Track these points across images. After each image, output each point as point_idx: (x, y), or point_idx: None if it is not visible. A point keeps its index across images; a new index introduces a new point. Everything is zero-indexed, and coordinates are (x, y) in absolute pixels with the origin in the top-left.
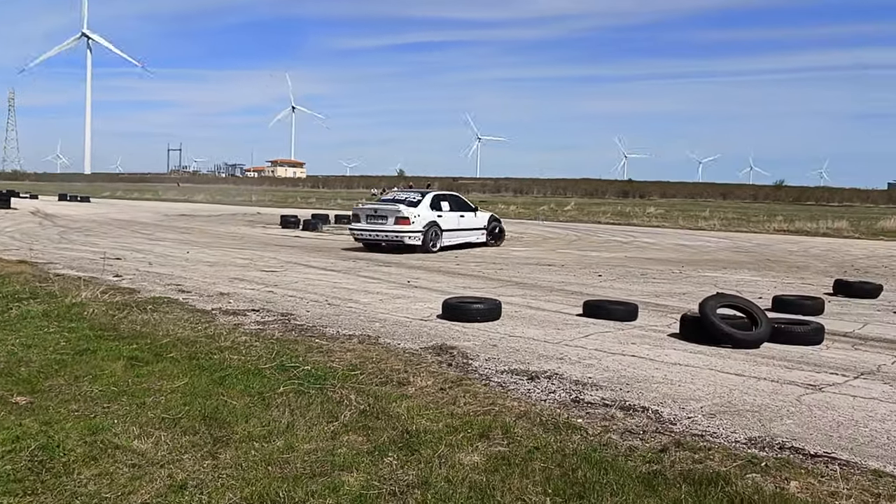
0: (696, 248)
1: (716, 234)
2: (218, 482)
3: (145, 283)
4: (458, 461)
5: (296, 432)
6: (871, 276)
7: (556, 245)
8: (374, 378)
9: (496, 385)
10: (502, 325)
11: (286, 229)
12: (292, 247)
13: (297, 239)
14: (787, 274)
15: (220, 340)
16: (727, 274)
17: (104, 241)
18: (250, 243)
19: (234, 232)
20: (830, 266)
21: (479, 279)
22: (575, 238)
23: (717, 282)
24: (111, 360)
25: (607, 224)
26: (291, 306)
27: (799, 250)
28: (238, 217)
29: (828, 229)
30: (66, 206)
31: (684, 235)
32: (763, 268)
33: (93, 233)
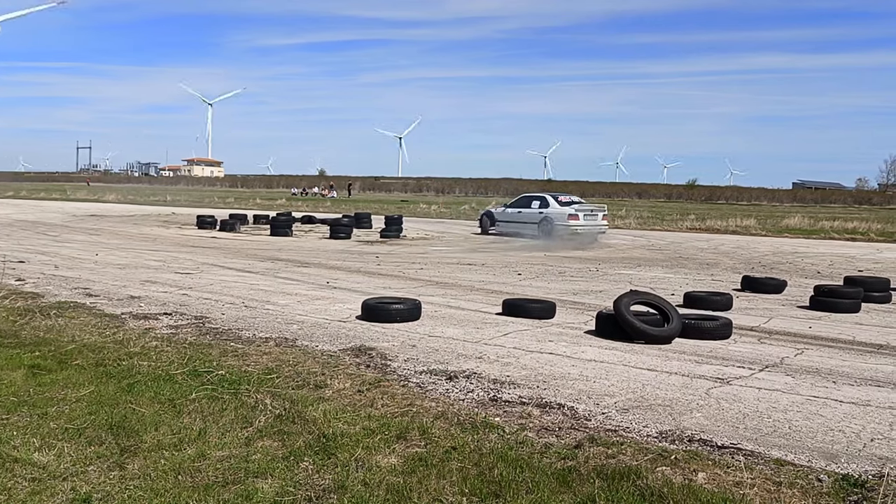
0: (612, 245)
1: (631, 233)
2: (125, 494)
3: (50, 286)
4: (375, 464)
5: (208, 439)
6: (777, 272)
7: (476, 244)
8: (291, 381)
9: (414, 386)
10: (422, 325)
11: (202, 230)
12: (208, 248)
13: (214, 240)
14: (699, 271)
15: (130, 346)
16: (642, 271)
17: (5, 243)
18: (164, 244)
19: (148, 233)
20: (739, 263)
21: (399, 279)
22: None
23: (631, 279)
24: (11, 369)
25: None
26: (206, 309)
27: (710, 247)
28: (152, 217)
29: (737, 227)
30: None
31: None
32: (676, 265)
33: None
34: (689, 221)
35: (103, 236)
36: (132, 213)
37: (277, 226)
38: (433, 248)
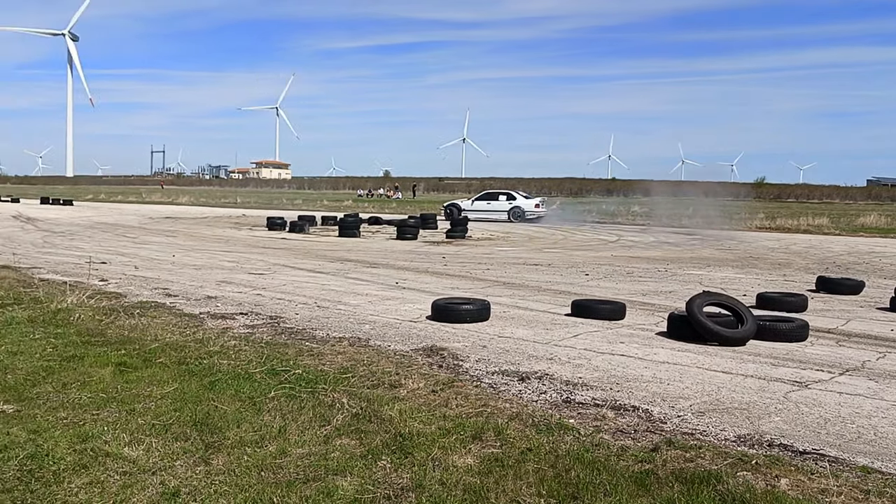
0: (680, 245)
1: (699, 232)
2: (211, 489)
3: (132, 287)
4: (452, 463)
5: (288, 437)
6: (853, 272)
7: (542, 244)
8: (366, 381)
9: (487, 386)
10: (491, 326)
11: (272, 231)
12: (279, 249)
13: (284, 241)
14: (770, 271)
15: (209, 345)
16: (711, 272)
17: (88, 244)
18: (237, 246)
19: (221, 234)
20: (812, 263)
21: (466, 279)
22: (561, 237)
23: (701, 280)
24: (99, 367)
25: (592, 223)
26: (280, 309)
27: (780, 247)
28: (223, 219)
29: (809, 226)
30: (48, 210)
31: (669, 233)
32: (746, 265)
33: (77, 236)
34: (759, 220)
35: (179, 238)
36: (205, 215)
37: (345, 227)
38: (498, 248)
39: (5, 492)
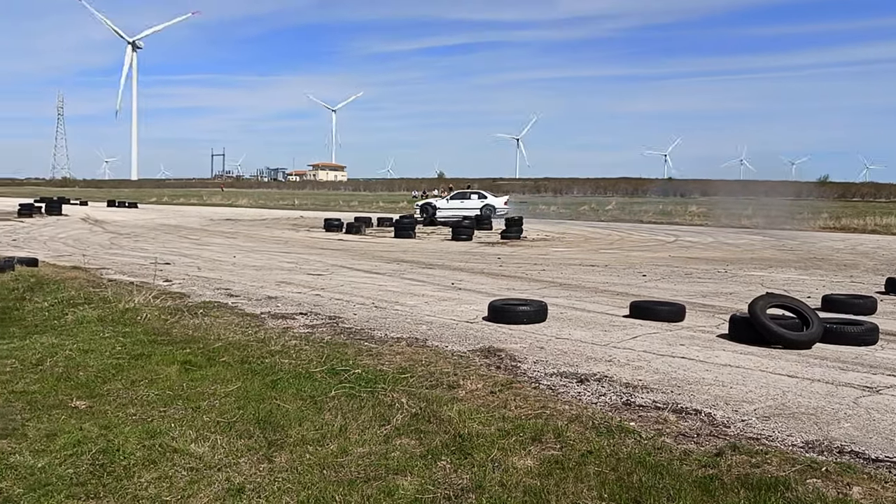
0: (740, 246)
1: (760, 232)
2: (274, 486)
3: (195, 287)
4: (512, 465)
5: (349, 436)
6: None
7: (598, 245)
8: (424, 381)
9: (546, 388)
10: (548, 327)
11: (329, 232)
12: (336, 250)
13: (341, 242)
14: (836, 272)
15: (271, 344)
16: (773, 273)
17: (153, 245)
18: (295, 247)
19: (279, 236)
20: (881, 264)
21: (522, 280)
22: (617, 238)
23: (763, 281)
24: (166, 365)
25: (649, 223)
26: (339, 309)
27: (846, 247)
28: (282, 221)
29: (876, 226)
30: (114, 213)
31: (728, 234)
32: (810, 266)
33: (142, 238)
34: (822, 220)
35: (239, 239)
36: (263, 217)
37: (401, 228)
38: (554, 249)
39: (80, 485)
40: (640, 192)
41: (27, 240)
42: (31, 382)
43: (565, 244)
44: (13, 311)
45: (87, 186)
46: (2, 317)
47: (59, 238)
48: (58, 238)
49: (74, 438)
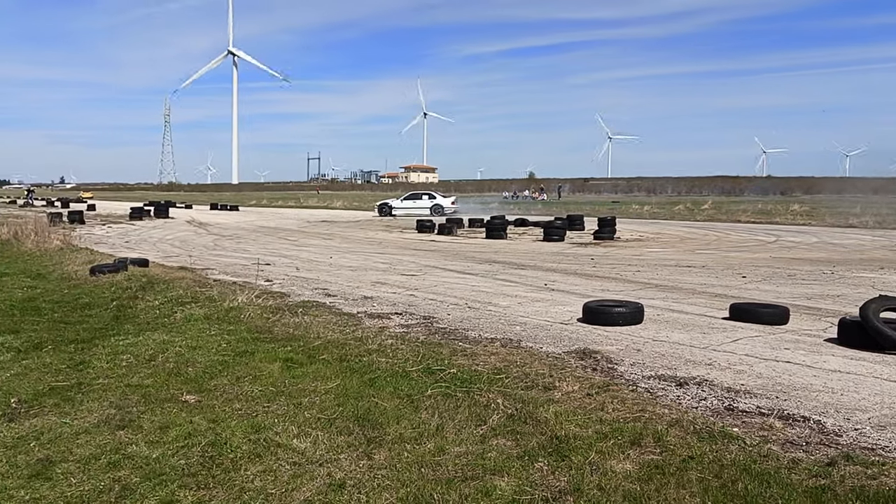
0: (847, 246)
1: (870, 232)
2: (374, 482)
3: (294, 287)
4: (610, 468)
5: (445, 435)
6: None
7: (694, 245)
8: (520, 382)
9: (644, 391)
10: (645, 329)
11: (422, 233)
12: (429, 251)
13: (434, 243)
14: None
15: (368, 343)
16: (886, 275)
17: (254, 247)
18: (389, 248)
19: (373, 237)
20: None
21: (617, 281)
22: (714, 238)
23: (874, 283)
24: (268, 362)
25: (748, 223)
26: (433, 309)
27: None
28: (375, 222)
29: None
30: (217, 215)
31: (834, 233)
32: None
33: (243, 239)
34: None
35: (335, 240)
36: (358, 219)
37: (493, 229)
38: (648, 249)
39: (191, 475)
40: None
41: (138, 241)
42: (144, 377)
43: (660, 244)
44: (127, 308)
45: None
46: (117, 314)
47: (167, 240)
48: (166, 240)
49: (185, 431)
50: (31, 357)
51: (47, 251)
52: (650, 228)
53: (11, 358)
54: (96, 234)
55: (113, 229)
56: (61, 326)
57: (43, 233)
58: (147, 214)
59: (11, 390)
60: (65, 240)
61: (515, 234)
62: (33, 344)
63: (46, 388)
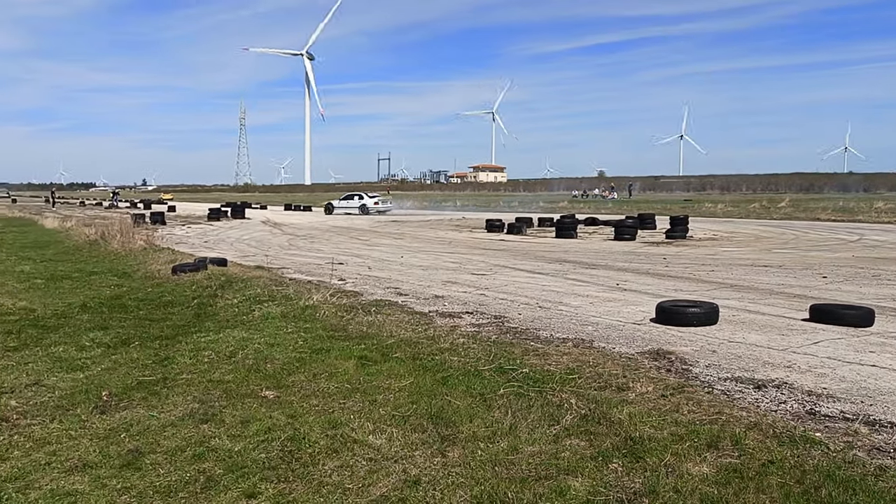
0: None
1: None
2: (448, 480)
3: (367, 286)
4: (686, 471)
5: (518, 434)
6: None
7: (770, 244)
8: (593, 382)
9: (720, 393)
10: (720, 330)
11: (491, 233)
12: (499, 250)
13: (503, 242)
14: None
15: (440, 342)
16: None
17: (327, 246)
18: (458, 247)
19: (443, 236)
20: None
21: (690, 281)
22: (792, 237)
23: None
24: (343, 359)
25: (828, 221)
26: (503, 309)
27: None
28: (445, 222)
29: None
30: (291, 216)
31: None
32: None
33: (316, 239)
34: None
35: (405, 240)
36: (427, 219)
37: (563, 228)
38: (723, 248)
39: (271, 469)
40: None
41: (216, 241)
42: (225, 372)
43: (735, 244)
44: (208, 306)
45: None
46: (199, 312)
47: (244, 240)
48: (242, 240)
49: (265, 426)
50: (119, 352)
51: (132, 251)
52: (724, 227)
53: (101, 353)
54: (177, 234)
55: (192, 230)
56: (146, 323)
57: (127, 233)
58: (224, 215)
59: (102, 384)
60: (148, 240)
61: (585, 233)
62: (121, 340)
63: (134, 382)
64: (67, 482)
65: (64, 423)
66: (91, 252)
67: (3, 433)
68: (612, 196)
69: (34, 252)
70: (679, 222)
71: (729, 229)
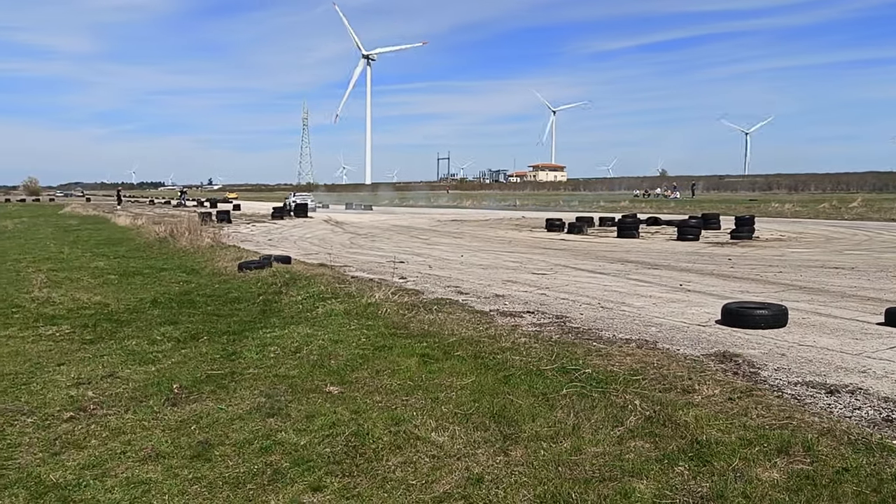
0: None
1: None
2: (511, 479)
3: (427, 284)
4: (756, 477)
5: (582, 435)
6: None
7: (842, 246)
8: (657, 384)
9: (790, 397)
10: (789, 333)
11: (551, 232)
12: (559, 250)
13: (563, 242)
14: None
15: (501, 341)
16: None
17: (387, 245)
18: (518, 246)
19: (503, 236)
20: None
21: (756, 283)
22: (865, 238)
23: None
24: (406, 357)
25: None
26: (565, 309)
27: None
28: (504, 221)
29: None
30: (352, 215)
31: None
32: None
33: (377, 238)
34: None
35: (465, 239)
36: (487, 218)
37: (624, 228)
38: (791, 249)
39: (336, 463)
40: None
41: (280, 239)
42: (291, 368)
43: (803, 245)
44: (273, 303)
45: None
46: (264, 308)
47: (307, 238)
48: (305, 238)
49: (330, 421)
50: (188, 346)
51: (199, 248)
52: (792, 228)
53: (172, 347)
54: (242, 232)
55: (257, 228)
56: (214, 319)
57: (195, 231)
58: (287, 214)
59: (173, 376)
60: (215, 238)
61: (647, 233)
62: (190, 334)
63: (203, 375)
64: (141, 471)
65: (138, 413)
66: (161, 249)
67: (82, 422)
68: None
69: (108, 248)
70: (745, 222)
71: (797, 230)
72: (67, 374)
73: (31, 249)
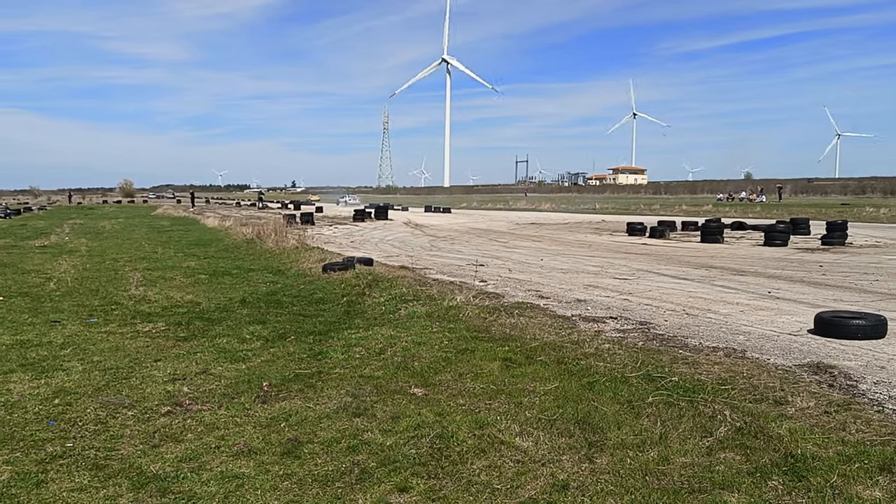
0: None
1: None
2: (597, 486)
3: (507, 288)
4: (856, 494)
5: (669, 444)
6: None
7: None
8: (747, 394)
9: (892, 412)
10: (889, 345)
11: (632, 236)
12: (641, 254)
13: (645, 246)
14: None
15: (584, 347)
16: None
17: (466, 248)
18: (599, 250)
19: (582, 239)
20: None
21: (850, 291)
22: None
23: None
24: (488, 360)
25: None
26: (649, 315)
27: None
28: (584, 225)
29: None
30: (431, 217)
31: None
32: None
33: (456, 241)
34: None
35: (544, 242)
36: (566, 221)
37: (708, 232)
38: (888, 257)
39: (421, 465)
40: None
41: (361, 241)
42: (375, 369)
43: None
44: (356, 304)
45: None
46: (348, 309)
47: (388, 240)
48: (386, 240)
49: (415, 422)
50: (276, 346)
51: (284, 249)
52: (888, 233)
53: (261, 346)
54: (325, 234)
55: (339, 230)
56: (300, 319)
57: (280, 233)
58: (368, 216)
59: (263, 375)
60: (299, 239)
61: (732, 237)
62: (278, 334)
63: (292, 374)
64: (235, 465)
65: (230, 409)
66: (248, 250)
67: (178, 417)
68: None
69: (198, 249)
70: (836, 227)
71: (894, 236)
72: (164, 370)
73: (128, 249)
